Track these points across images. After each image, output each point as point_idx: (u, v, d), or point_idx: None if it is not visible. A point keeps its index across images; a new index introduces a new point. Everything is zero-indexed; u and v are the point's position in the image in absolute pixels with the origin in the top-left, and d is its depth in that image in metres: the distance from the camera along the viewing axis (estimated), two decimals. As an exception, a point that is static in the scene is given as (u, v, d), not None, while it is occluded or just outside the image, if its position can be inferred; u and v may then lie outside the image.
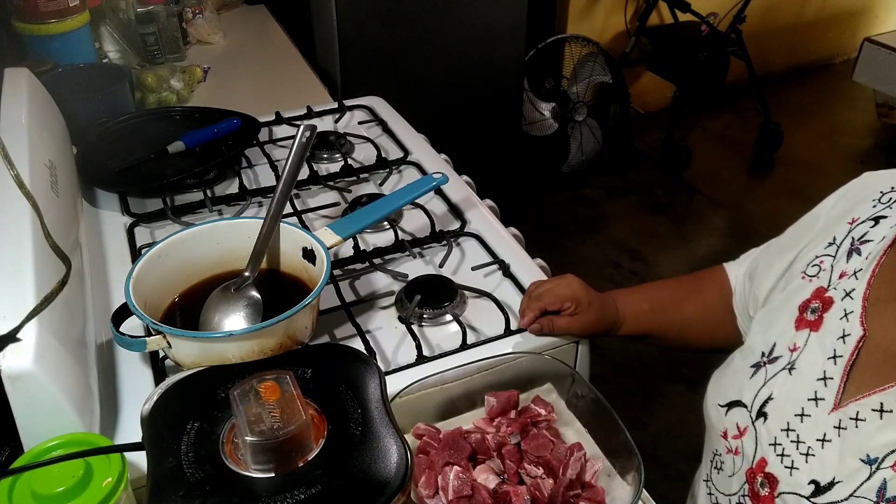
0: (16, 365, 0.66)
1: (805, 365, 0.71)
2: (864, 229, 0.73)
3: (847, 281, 0.71)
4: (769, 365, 0.75)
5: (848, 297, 0.70)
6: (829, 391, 0.68)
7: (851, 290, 0.70)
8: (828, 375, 0.68)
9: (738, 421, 0.76)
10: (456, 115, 2.27)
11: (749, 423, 0.74)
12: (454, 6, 2.11)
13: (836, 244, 0.75)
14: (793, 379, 0.71)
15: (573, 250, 2.77)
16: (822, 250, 0.76)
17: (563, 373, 0.83)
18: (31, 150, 0.92)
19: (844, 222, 0.76)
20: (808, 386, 0.70)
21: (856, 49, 3.08)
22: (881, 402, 0.64)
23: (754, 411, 0.74)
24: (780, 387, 0.72)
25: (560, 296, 0.89)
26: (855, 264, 0.72)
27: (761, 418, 0.73)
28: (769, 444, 0.71)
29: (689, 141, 3.39)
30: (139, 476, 0.68)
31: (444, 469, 0.72)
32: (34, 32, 1.46)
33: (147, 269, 0.84)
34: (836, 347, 0.69)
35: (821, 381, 0.69)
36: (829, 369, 0.68)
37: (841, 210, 0.77)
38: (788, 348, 0.73)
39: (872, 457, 0.63)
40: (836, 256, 0.74)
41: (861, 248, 0.72)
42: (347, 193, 1.22)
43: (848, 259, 0.72)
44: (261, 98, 1.67)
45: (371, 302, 0.98)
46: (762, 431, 0.72)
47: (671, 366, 2.24)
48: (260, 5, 2.20)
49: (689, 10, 3.00)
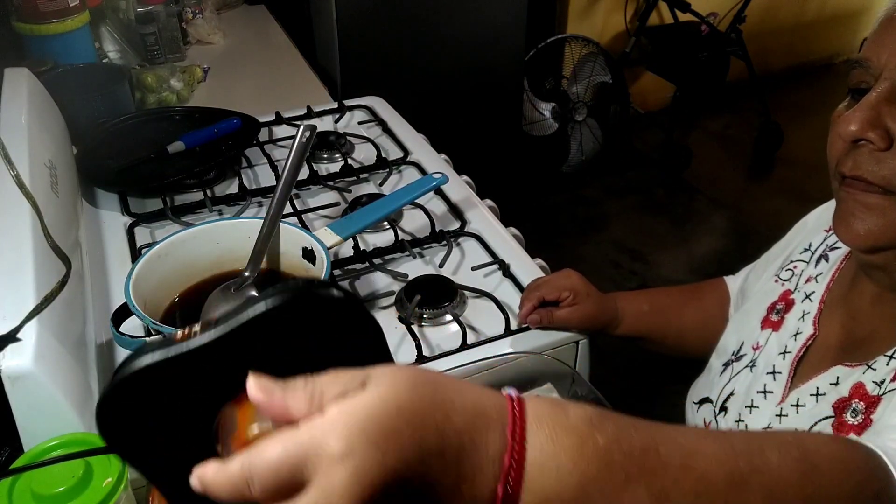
0: (16, 365, 0.66)
1: (762, 362, 0.75)
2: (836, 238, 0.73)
3: (810, 284, 0.75)
4: (735, 363, 0.79)
5: (808, 300, 0.73)
6: (777, 384, 0.72)
7: (811, 292, 0.73)
8: (777, 370, 0.72)
9: (705, 416, 0.80)
10: (456, 116, 2.27)
11: (713, 419, 0.79)
12: (454, 6, 2.11)
13: (811, 250, 0.78)
14: (752, 375, 0.75)
15: (573, 250, 2.77)
16: (798, 255, 0.79)
17: (563, 373, 0.83)
18: (31, 150, 0.92)
19: (821, 230, 0.78)
20: (760, 380, 0.74)
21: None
22: (817, 386, 0.66)
23: (718, 406, 0.78)
24: (741, 383, 0.77)
25: (558, 285, 0.89)
26: (820, 269, 0.75)
27: (722, 412, 0.77)
28: None
29: (689, 141, 3.38)
30: (139, 476, 0.68)
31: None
32: (34, 32, 1.46)
33: (147, 269, 0.84)
34: (787, 344, 0.73)
35: (769, 374, 0.73)
36: (778, 364, 0.72)
37: (823, 219, 0.80)
38: (752, 347, 0.77)
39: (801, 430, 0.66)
40: (808, 262, 0.77)
41: (829, 255, 0.75)
42: (347, 193, 1.22)
43: (816, 264, 0.76)
44: (261, 98, 1.67)
45: (371, 302, 0.98)
46: (721, 425, 0.76)
47: (671, 366, 2.22)
48: (260, 5, 2.20)
49: (689, 10, 3.00)
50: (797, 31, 3.85)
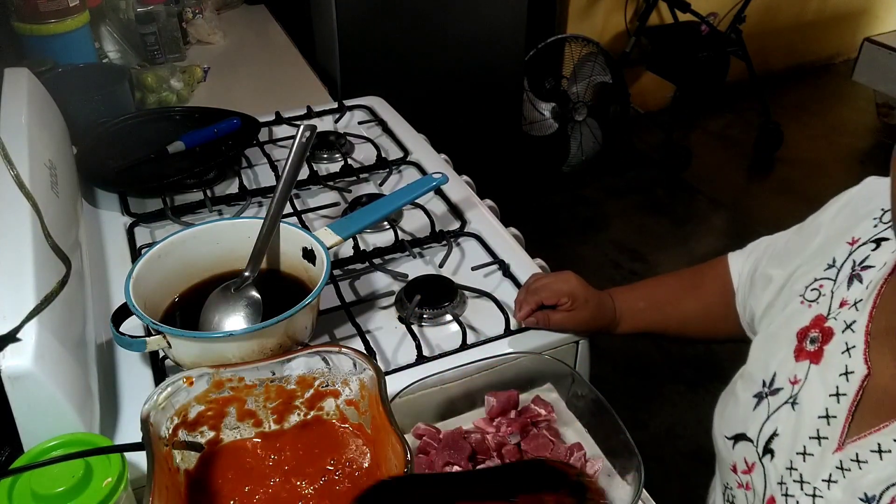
0: (16, 365, 0.66)
1: (807, 400, 0.69)
2: (864, 252, 0.71)
3: (848, 311, 0.69)
4: (771, 397, 0.73)
5: (849, 330, 0.68)
6: (832, 430, 0.66)
7: (853, 321, 0.68)
8: (830, 414, 0.66)
9: (745, 456, 0.74)
10: (456, 115, 2.27)
11: (756, 460, 0.72)
12: (454, 6, 2.11)
13: (836, 266, 0.72)
14: (796, 415, 0.70)
15: (573, 250, 2.77)
16: (822, 272, 0.73)
17: (563, 373, 0.83)
18: (31, 150, 0.92)
19: (844, 242, 0.73)
20: (810, 423, 0.68)
21: (856, 49, 3.08)
22: (878, 442, 0.63)
23: (760, 447, 0.72)
24: (783, 422, 0.71)
25: (557, 291, 0.88)
26: (856, 293, 0.69)
27: (768, 455, 0.71)
28: (777, 482, 0.70)
29: (689, 141, 3.39)
30: (139, 476, 0.68)
31: (444, 469, 0.72)
32: (34, 32, 1.46)
33: (147, 269, 0.84)
34: (838, 384, 0.66)
35: (823, 419, 0.67)
36: (832, 407, 0.66)
37: (842, 225, 0.75)
38: (789, 380, 0.71)
39: (870, 495, 0.62)
40: (836, 281, 0.72)
41: (862, 275, 0.70)
42: (347, 193, 1.22)
43: (849, 286, 0.70)
44: (261, 98, 1.67)
45: (371, 302, 0.98)
46: (770, 469, 0.71)
47: (671, 366, 2.24)
48: (260, 5, 2.20)
49: (689, 10, 3.00)
50: (797, 31, 3.85)
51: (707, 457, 0.86)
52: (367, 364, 0.68)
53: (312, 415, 0.73)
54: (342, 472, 0.69)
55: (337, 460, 0.70)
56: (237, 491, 0.68)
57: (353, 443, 0.71)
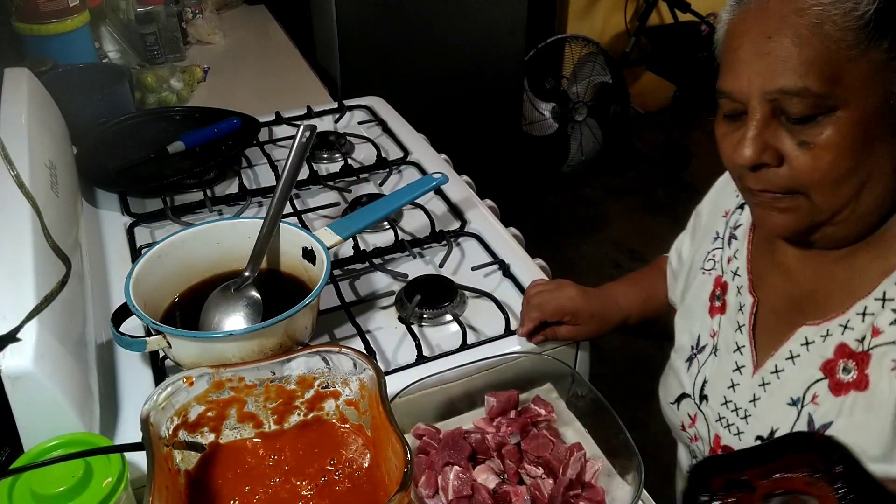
0: (16, 365, 0.66)
1: (723, 344, 0.80)
2: (735, 217, 0.84)
3: (733, 263, 0.82)
4: (699, 354, 0.83)
5: (736, 276, 0.81)
6: (745, 358, 0.77)
7: (737, 268, 0.81)
8: (740, 345, 0.78)
9: (687, 411, 0.84)
10: (456, 116, 2.27)
11: (696, 410, 0.82)
12: (454, 6, 2.11)
13: (721, 237, 0.85)
14: (718, 359, 0.80)
15: (573, 250, 2.77)
16: (711, 245, 0.86)
17: (563, 373, 0.84)
18: (31, 150, 0.92)
19: (720, 217, 0.86)
20: (728, 359, 0.79)
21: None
22: (790, 350, 0.72)
23: (697, 397, 0.82)
24: (710, 370, 0.81)
25: (559, 308, 0.89)
26: (735, 247, 0.82)
27: (703, 401, 0.81)
28: (715, 420, 0.79)
29: (689, 141, 3.38)
30: (139, 476, 0.68)
31: (444, 469, 0.72)
32: (34, 32, 1.46)
33: (147, 269, 0.84)
34: (737, 319, 0.79)
35: (736, 351, 0.78)
36: (739, 339, 0.78)
37: (717, 203, 0.88)
38: (710, 335, 0.82)
39: (795, 397, 0.71)
40: (722, 248, 0.84)
41: (736, 234, 0.83)
42: (347, 193, 1.22)
43: (730, 246, 0.83)
44: (261, 98, 1.67)
45: (371, 302, 0.98)
46: (708, 412, 0.80)
47: (671, 366, 2.23)
48: (260, 5, 2.20)
49: (689, 10, 3.00)
50: (797, 31, 3.85)
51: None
52: (367, 364, 0.68)
53: (312, 415, 0.73)
54: (342, 472, 0.69)
55: (337, 460, 0.70)
56: (237, 491, 0.68)
57: (354, 443, 0.71)
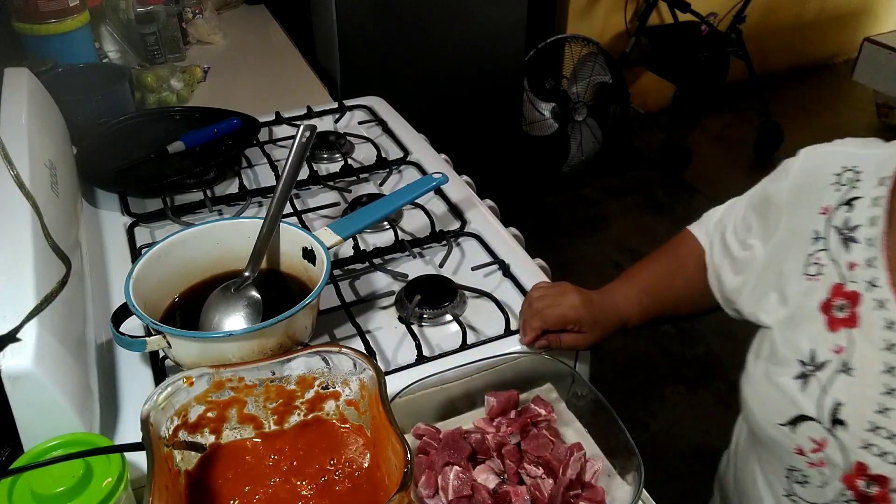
0: (16, 365, 0.66)
1: (860, 362, 0.71)
2: (842, 215, 0.74)
3: (862, 272, 0.72)
4: (818, 372, 0.74)
5: (875, 287, 0.71)
6: None
7: (873, 279, 0.71)
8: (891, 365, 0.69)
9: (810, 435, 0.74)
10: (456, 116, 2.27)
11: (826, 435, 0.73)
12: (454, 6, 2.11)
13: (824, 237, 0.76)
14: (853, 380, 0.71)
15: (573, 250, 2.77)
16: (811, 248, 0.76)
17: (563, 373, 0.84)
18: (31, 150, 0.92)
19: (816, 213, 0.76)
20: (874, 382, 0.70)
21: (856, 49, 3.07)
22: None
23: (827, 421, 0.73)
24: (843, 391, 0.72)
25: (562, 317, 0.87)
26: (861, 253, 0.72)
27: (837, 426, 0.72)
28: (860, 447, 0.71)
29: (689, 141, 3.39)
30: (139, 476, 0.68)
31: (444, 469, 0.72)
32: (34, 32, 1.46)
33: (147, 269, 0.84)
34: (885, 338, 0.69)
35: (885, 373, 0.69)
36: (890, 360, 0.69)
37: (801, 200, 0.78)
38: (833, 351, 0.73)
39: None
40: (830, 249, 0.75)
41: (855, 236, 0.73)
42: (347, 193, 1.22)
43: (847, 249, 0.73)
44: (261, 98, 1.67)
45: (371, 302, 0.98)
46: (846, 438, 0.72)
47: (671, 366, 2.24)
48: (260, 5, 2.20)
49: (689, 10, 3.00)
50: (797, 31, 3.85)
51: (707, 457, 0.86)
52: (367, 364, 0.68)
53: (312, 415, 0.73)
54: (342, 472, 0.69)
55: (337, 460, 0.70)
56: (237, 491, 0.68)
57: (354, 443, 0.71)
